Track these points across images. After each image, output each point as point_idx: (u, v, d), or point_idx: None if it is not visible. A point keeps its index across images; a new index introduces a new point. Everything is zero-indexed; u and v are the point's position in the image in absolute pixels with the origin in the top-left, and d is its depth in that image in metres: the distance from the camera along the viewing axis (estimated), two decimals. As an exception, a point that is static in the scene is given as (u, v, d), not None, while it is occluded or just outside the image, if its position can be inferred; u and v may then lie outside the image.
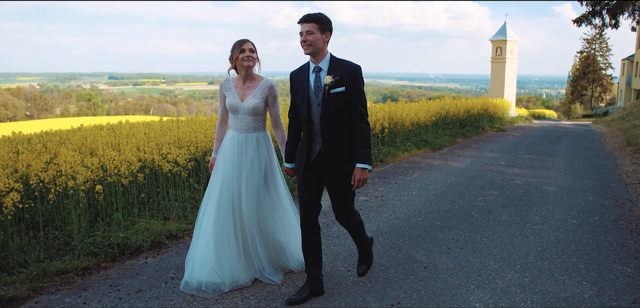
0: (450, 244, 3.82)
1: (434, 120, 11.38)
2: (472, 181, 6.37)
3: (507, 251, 3.66)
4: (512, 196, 5.53)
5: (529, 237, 4.01)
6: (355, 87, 2.68)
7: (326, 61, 2.73)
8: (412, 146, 9.08)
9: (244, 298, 2.84)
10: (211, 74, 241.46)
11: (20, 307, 2.77)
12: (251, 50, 2.97)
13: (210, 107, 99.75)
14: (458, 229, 4.23)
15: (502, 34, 24.81)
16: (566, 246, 3.79)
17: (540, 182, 6.36)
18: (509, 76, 24.76)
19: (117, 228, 4.00)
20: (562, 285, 3.04)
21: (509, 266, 3.35)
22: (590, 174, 7.03)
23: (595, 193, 5.75)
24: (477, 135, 12.42)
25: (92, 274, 3.24)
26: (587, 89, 45.35)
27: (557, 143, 11.23)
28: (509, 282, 3.09)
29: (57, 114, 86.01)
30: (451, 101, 13.77)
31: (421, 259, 3.48)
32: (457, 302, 2.79)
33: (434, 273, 3.21)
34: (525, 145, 10.63)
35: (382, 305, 2.75)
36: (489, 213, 4.77)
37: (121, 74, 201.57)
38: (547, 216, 4.66)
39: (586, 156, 9.05)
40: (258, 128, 3.04)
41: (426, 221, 4.48)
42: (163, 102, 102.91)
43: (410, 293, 2.91)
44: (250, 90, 3.01)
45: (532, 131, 14.53)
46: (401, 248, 3.72)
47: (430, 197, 5.43)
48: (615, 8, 14.14)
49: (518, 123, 18.74)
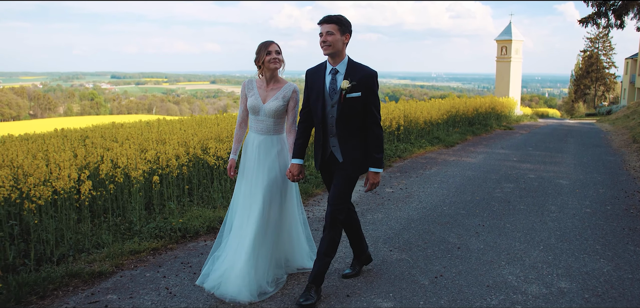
0: (477, 229, 4.21)
1: (446, 118, 11.76)
2: (488, 175, 6.75)
3: (529, 235, 4.04)
4: (528, 188, 5.91)
5: (548, 223, 4.39)
6: (371, 92, 2.73)
7: (344, 64, 2.75)
8: (426, 143, 9.47)
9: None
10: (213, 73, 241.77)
11: (107, 279, 3.17)
12: (277, 52, 2.96)
13: (213, 107, 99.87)
14: (482, 216, 4.62)
15: (507, 33, 25.13)
16: (583, 230, 4.18)
17: (553, 176, 6.74)
18: (514, 75, 25.09)
19: (171, 215, 4.40)
20: (583, 262, 3.42)
21: (533, 247, 3.74)
22: (599, 169, 7.40)
23: (605, 185, 6.12)
24: (486, 133, 12.78)
25: (161, 254, 3.63)
26: (590, 88, 45.55)
27: (564, 141, 11.59)
28: (534, 259, 3.48)
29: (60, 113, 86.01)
30: (461, 100, 14.14)
31: (454, 241, 3.87)
32: (492, 275, 3.18)
33: (467, 253, 3.60)
34: (534, 142, 11.00)
35: (428, 277, 3.14)
36: (508, 203, 5.15)
37: (123, 74, 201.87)
38: (562, 206, 5.04)
39: (594, 152, 9.41)
40: (278, 131, 3.02)
41: (451, 210, 4.87)
42: (165, 102, 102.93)
43: (450, 267, 3.30)
44: (273, 92, 2.99)
45: (539, 129, 14.87)
46: (433, 232, 4.11)
47: (451, 189, 5.81)
48: (621, 9, 14.48)
49: (524, 121, 19.08)
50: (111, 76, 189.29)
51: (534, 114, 28.57)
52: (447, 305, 2.75)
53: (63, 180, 3.64)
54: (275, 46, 2.96)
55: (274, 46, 2.95)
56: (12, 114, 74.94)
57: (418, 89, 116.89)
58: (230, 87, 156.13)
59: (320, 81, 2.78)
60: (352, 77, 2.70)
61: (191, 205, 4.83)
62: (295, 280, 3.10)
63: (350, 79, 2.69)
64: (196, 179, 5.18)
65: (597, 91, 45.22)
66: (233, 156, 3.15)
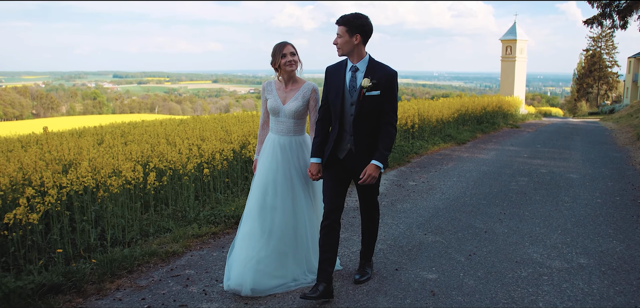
0: (499, 216, 4.64)
1: (456, 117, 12.19)
2: (502, 170, 7.17)
3: (547, 221, 4.47)
4: (541, 181, 6.33)
5: (563, 212, 4.82)
6: (390, 92, 2.75)
7: (364, 62, 2.76)
8: (439, 140, 9.90)
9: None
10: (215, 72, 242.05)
11: (180, 258, 3.61)
12: (292, 53, 2.96)
13: (215, 106, 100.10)
14: (502, 206, 5.05)
15: (512, 33, 25.51)
16: (595, 217, 4.60)
17: (563, 171, 7.16)
18: (518, 75, 25.46)
19: (218, 204, 4.84)
20: (598, 243, 3.86)
21: (552, 231, 4.17)
22: (606, 164, 7.82)
23: (613, 179, 6.54)
24: (494, 131, 13.19)
25: (220, 237, 4.07)
26: (593, 87, 45.87)
27: (570, 138, 11.99)
28: (554, 241, 3.91)
29: (63, 112, 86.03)
30: (470, 99, 14.57)
31: (480, 226, 4.30)
32: (518, 253, 3.61)
33: (494, 236, 4.03)
34: (542, 140, 11.41)
35: (463, 254, 3.58)
36: (524, 195, 5.58)
37: (125, 73, 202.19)
38: (575, 197, 5.46)
39: (600, 149, 9.82)
40: (298, 132, 3.03)
41: (473, 200, 5.30)
42: (168, 101, 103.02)
43: (481, 247, 3.74)
44: (293, 93, 3.00)
45: (544, 128, 15.28)
46: (460, 219, 4.54)
47: (470, 182, 6.24)
48: (625, 10, 14.87)
49: (528, 120, 19.47)
50: (113, 76, 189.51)
51: (538, 112, 28.99)
52: (484, 276, 3.19)
53: (128, 172, 4.08)
54: (290, 47, 2.97)
55: (289, 47, 2.96)
56: (15, 114, 74.87)
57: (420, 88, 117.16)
58: (232, 87, 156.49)
59: (340, 78, 2.79)
60: (373, 75, 2.72)
61: (234, 195, 5.27)
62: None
63: (371, 78, 2.71)
64: (237, 172, 5.61)
65: (599, 90, 45.53)
66: (257, 157, 3.19)
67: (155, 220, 4.34)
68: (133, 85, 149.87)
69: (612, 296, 2.91)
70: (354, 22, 2.70)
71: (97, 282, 3.08)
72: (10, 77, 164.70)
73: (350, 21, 2.70)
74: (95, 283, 3.06)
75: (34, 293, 2.76)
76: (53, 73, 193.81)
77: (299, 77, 3.06)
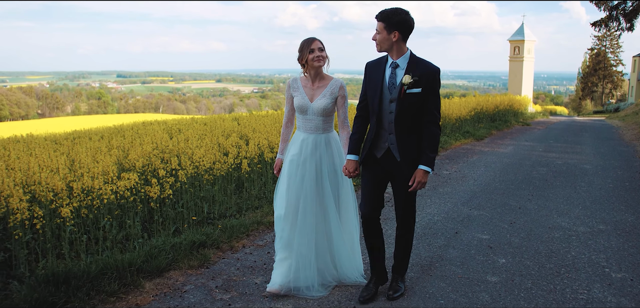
0: (528, 197, 5.53)
1: (472, 115, 13.08)
2: (522, 161, 8.05)
3: (569, 200, 5.36)
4: (558, 171, 7.21)
5: (581, 194, 5.71)
6: (432, 90, 2.65)
7: (405, 58, 2.66)
8: (460, 136, 10.78)
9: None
10: (219, 71, 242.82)
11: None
12: (320, 49, 2.91)
13: (219, 106, 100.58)
14: (528, 189, 5.93)
15: (520, 34, 26.33)
16: (609, 198, 5.49)
17: (577, 162, 8.03)
18: (526, 74, 26.29)
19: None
20: (612, 215, 4.75)
21: (573, 207, 5.06)
22: (615, 157, 8.69)
23: (622, 169, 7.42)
24: (507, 128, 14.06)
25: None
26: (598, 86, 46.51)
27: (580, 135, 12.85)
28: (577, 213, 4.80)
29: (68, 112, 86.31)
30: (484, 98, 15.44)
31: (513, 204, 5.19)
32: (549, 222, 4.51)
33: (526, 211, 4.93)
34: (553, 136, 12.27)
35: (505, 223, 4.48)
36: (545, 181, 6.46)
37: (129, 73, 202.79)
38: (589, 183, 6.35)
39: (608, 144, 10.68)
40: (327, 129, 2.99)
41: (502, 185, 6.18)
42: (172, 100, 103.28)
43: (518, 218, 4.63)
44: (320, 90, 2.96)
45: (554, 125, 16.13)
46: (495, 199, 5.44)
47: (497, 171, 7.13)
48: (631, 13, 15.69)
49: (537, 118, 20.31)
50: (117, 75, 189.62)
51: (544, 111, 29.81)
52: (526, 236, 4.09)
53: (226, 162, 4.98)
54: (317, 43, 2.92)
55: (317, 43, 2.92)
56: (21, 114, 75.21)
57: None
58: (236, 86, 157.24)
59: (379, 74, 2.72)
60: (414, 72, 2.62)
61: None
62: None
63: (412, 74, 2.62)
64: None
65: (604, 89, 46.20)
66: (280, 156, 3.14)
67: (246, 198, 5.26)
68: (137, 85, 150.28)
69: (627, 248, 3.82)
70: (393, 18, 2.60)
71: (228, 242, 3.99)
72: (15, 77, 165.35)
73: (389, 17, 2.60)
74: (227, 242, 3.97)
75: (191, 246, 3.67)
76: (57, 73, 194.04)
77: (326, 74, 3.02)
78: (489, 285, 3.15)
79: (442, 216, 4.72)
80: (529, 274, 3.33)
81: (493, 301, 2.94)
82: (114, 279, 3.00)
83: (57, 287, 2.83)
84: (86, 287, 2.88)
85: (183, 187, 4.57)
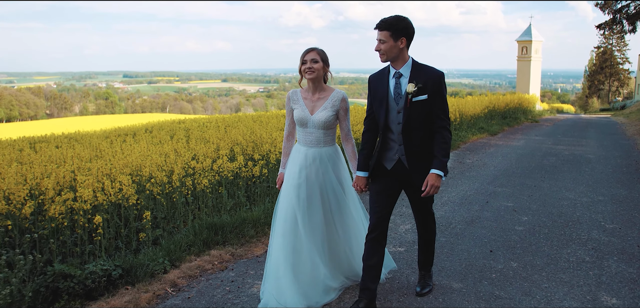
0: (541, 179, 6.71)
1: (486, 112, 14.25)
2: (534, 153, 9.22)
3: (575, 181, 6.54)
4: (566, 160, 8.37)
5: (585, 176, 6.88)
6: (439, 94, 2.61)
7: (407, 67, 2.64)
8: (476, 132, 11.95)
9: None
10: (224, 71, 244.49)
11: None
12: (313, 60, 2.82)
13: (225, 105, 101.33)
14: (541, 174, 7.11)
15: (528, 34, 27.35)
16: (608, 179, 6.66)
17: (582, 153, 9.19)
18: (534, 74, 27.30)
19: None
20: (610, 190, 5.93)
21: (579, 185, 6.24)
22: (616, 148, 9.83)
23: (622, 158, 8.56)
24: (517, 124, 15.20)
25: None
26: (604, 84, 47.20)
27: (585, 130, 13.96)
28: (582, 190, 5.98)
29: (76, 112, 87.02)
30: (495, 96, 16.60)
31: (529, 183, 6.38)
32: (560, 195, 5.69)
33: (541, 188, 6.11)
34: (561, 132, 13.40)
35: (525, 195, 5.67)
36: (555, 167, 7.63)
37: (135, 73, 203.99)
38: (592, 168, 7.51)
39: (611, 138, 11.81)
40: (328, 142, 2.91)
41: (518, 171, 7.36)
42: (179, 100, 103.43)
43: (534, 193, 5.82)
44: (321, 102, 2.87)
45: (561, 122, 17.23)
46: (514, 180, 6.62)
47: (512, 160, 8.30)
48: (634, 16, 16.75)
49: (545, 115, 21.40)
50: (123, 75, 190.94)
51: (551, 109, 30.81)
52: (542, 203, 5.28)
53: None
54: (311, 53, 2.84)
55: (311, 53, 2.84)
56: (30, 114, 76.20)
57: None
58: (242, 85, 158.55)
59: (383, 86, 2.69)
60: (418, 79, 2.60)
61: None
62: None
63: (416, 82, 2.60)
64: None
65: (611, 87, 46.93)
66: (282, 170, 3.05)
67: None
68: (143, 85, 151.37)
69: (619, 211, 5.01)
70: (398, 25, 2.58)
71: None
72: (22, 78, 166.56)
73: (394, 25, 2.58)
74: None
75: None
76: (64, 73, 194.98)
77: (327, 85, 2.95)
78: (517, 231, 4.35)
79: (473, 191, 5.91)
80: (546, 225, 4.53)
81: (521, 240, 4.14)
82: (251, 227, 4.24)
83: (216, 232, 4.07)
84: (235, 232, 4.12)
85: (274, 168, 5.78)
